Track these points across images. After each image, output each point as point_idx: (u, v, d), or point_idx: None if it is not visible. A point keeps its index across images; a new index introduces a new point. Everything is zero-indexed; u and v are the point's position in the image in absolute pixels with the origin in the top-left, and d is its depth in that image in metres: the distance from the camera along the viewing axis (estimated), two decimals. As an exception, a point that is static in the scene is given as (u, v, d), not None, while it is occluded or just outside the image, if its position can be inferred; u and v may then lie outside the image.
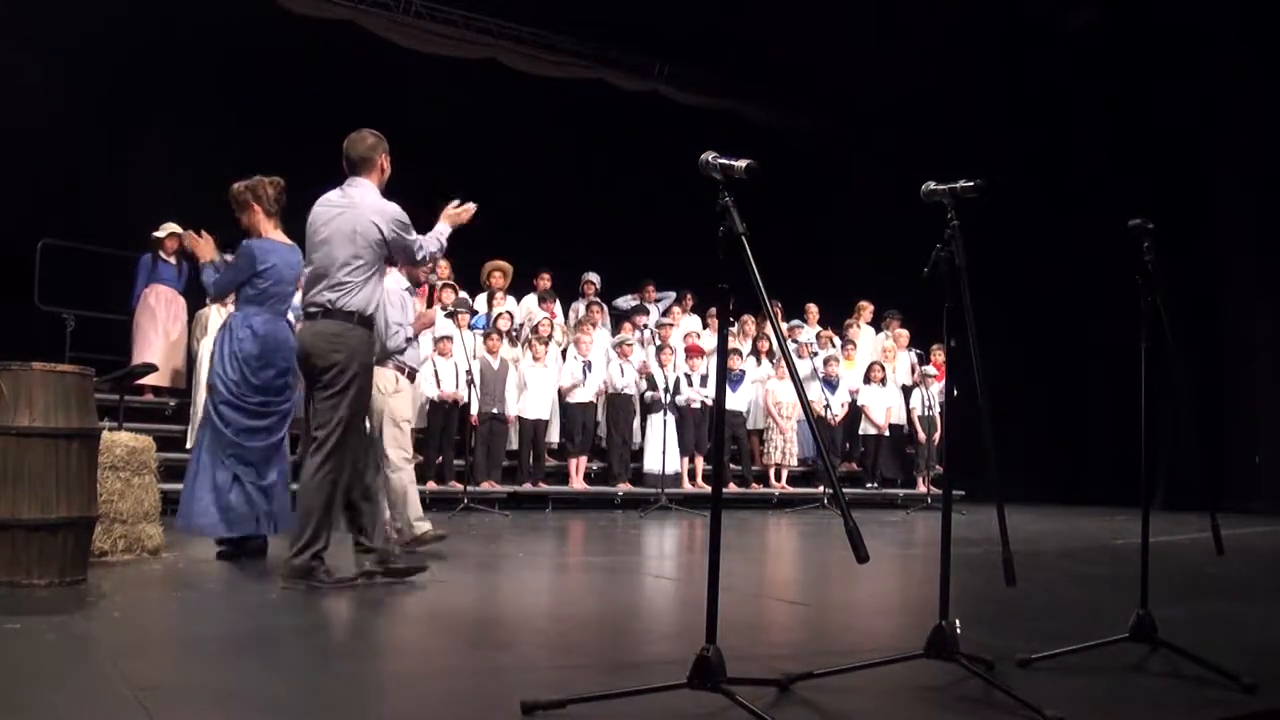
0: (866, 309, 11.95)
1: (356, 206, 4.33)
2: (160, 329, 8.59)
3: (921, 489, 10.97)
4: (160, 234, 8.69)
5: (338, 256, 4.28)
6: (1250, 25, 11.00)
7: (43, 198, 8.75)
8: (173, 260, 8.76)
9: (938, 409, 10.70)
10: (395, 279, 5.34)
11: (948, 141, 11.52)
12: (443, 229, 4.68)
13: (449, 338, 8.96)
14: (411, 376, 5.65)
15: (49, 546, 4.03)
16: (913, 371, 11.36)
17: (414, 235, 4.45)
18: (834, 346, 11.43)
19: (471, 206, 4.72)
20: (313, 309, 4.32)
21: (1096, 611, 4.08)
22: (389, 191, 4.50)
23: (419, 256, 4.55)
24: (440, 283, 9.90)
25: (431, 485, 8.95)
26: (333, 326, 4.26)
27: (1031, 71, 11.94)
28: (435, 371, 8.92)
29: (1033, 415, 11.83)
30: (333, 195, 4.42)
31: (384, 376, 5.26)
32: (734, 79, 12.99)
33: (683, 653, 2.59)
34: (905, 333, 11.63)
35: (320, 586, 4.20)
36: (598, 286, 10.91)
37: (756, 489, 10.54)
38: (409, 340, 5.48)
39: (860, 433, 11.22)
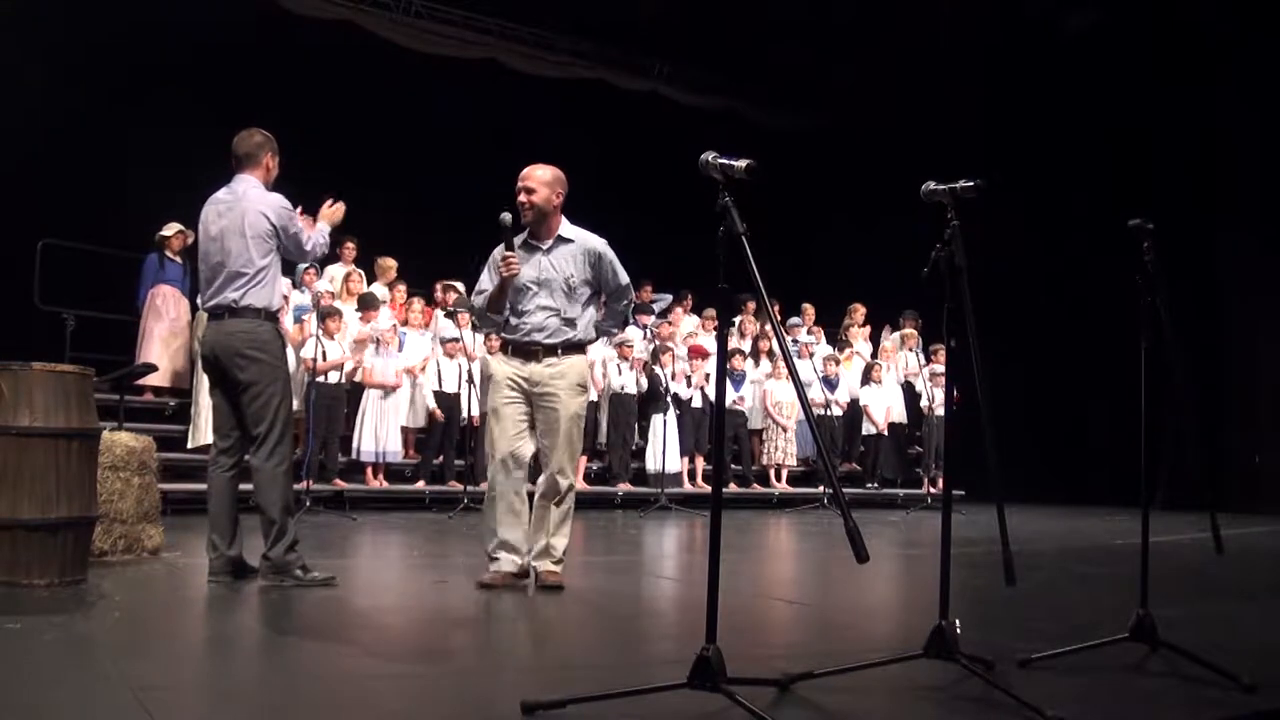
0: (859, 311, 11.96)
1: (242, 200, 4.33)
2: (165, 329, 8.61)
3: (924, 489, 10.95)
4: (166, 233, 8.72)
5: (232, 252, 4.29)
6: (1251, 25, 11.00)
7: (43, 198, 8.75)
8: (179, 260, 8.78)
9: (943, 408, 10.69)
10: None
11: (947, 141, 11.52)
12: (323, 227, 4.62)
13: (456, 339, 8.98)
14: (513, 349, 4.40)
15: (49, 546, 4.03)
16: (919, 370, 11.35)
17: (300, 225, 4.46)
18: (832, 347, 11.43)
19: (342, 205, 4.67)
20: (218, 309, 4.33)
21: (1096, 611, 4.08)
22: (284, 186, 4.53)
23: (307, 247, 4.47)
24: (444, 284, 9.96)
25: (426, 484, 8.98)
26: (242, 325, 4.29)
27: (1031, 71, 11.94)
28: (439, 371, 8.96)
29: (1033, 415, 11.82)
30: (220, 193, 4.43)
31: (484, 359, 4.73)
32: (734, 79, 12.98)
33: (683, 653, 2.59)
34: (914, 332, 11.61)
35: (301, 581, 4.22)
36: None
37: (754, 489, 10.52)
38: (486, 307, 4.46)
39: (861, 432, 11.21)
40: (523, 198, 4.38)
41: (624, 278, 4.53)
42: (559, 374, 4.31)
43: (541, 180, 4.42)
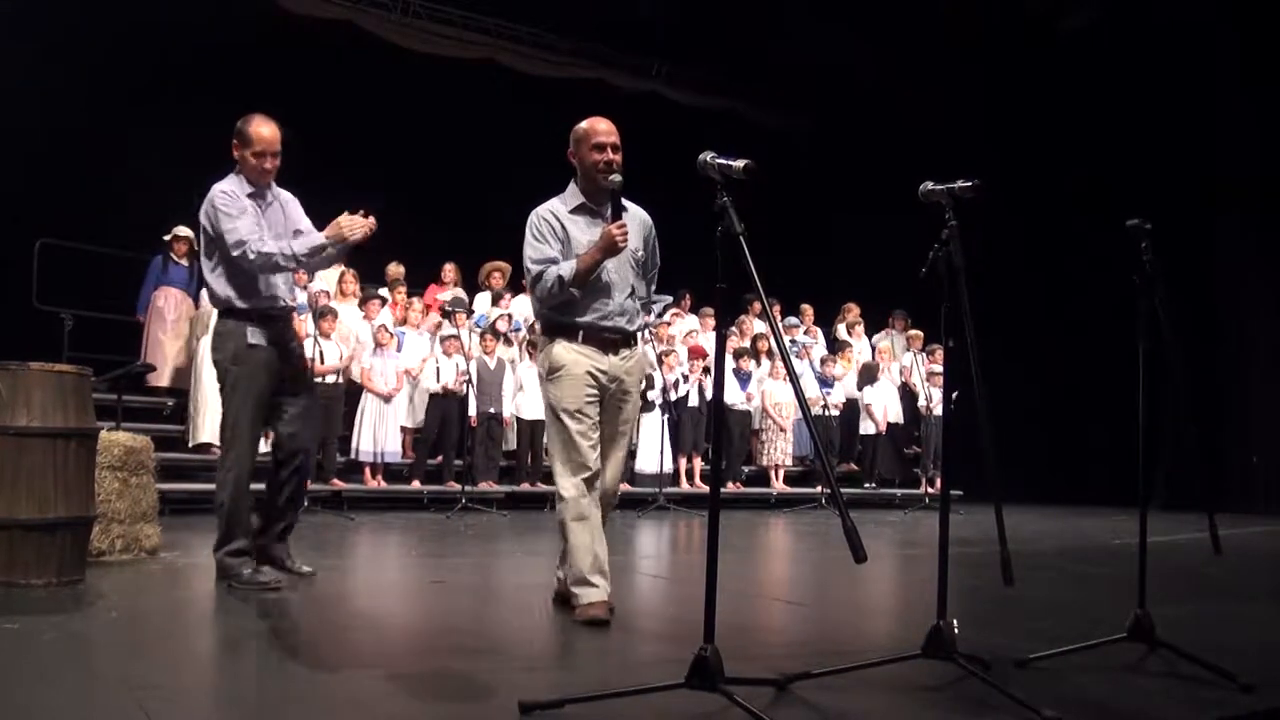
0: (852, 310, 11.97)
1: None
2: (169, 331, 8.65)
3: (922, 489, 10.96)
4: (168, 237, 8.75)
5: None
6: (1250, 25, 11.00)
7: (41, 198, 8.76)
8: (184, 262, 8.81)
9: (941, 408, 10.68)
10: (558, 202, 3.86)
11: (946, 141, 11.52)
12: (313, 239, 4.08)
13: (454, 337, 9.00)
14: (586, 337, 3.69)
15: (47, 546, 4.03)
16: (915, 371, 11.34)
17: (228, 224, 4.04)
18: (828, 350, 11.44)
19: (364, 222, 4.04)
20: None
21: (1095, 611, 4.08)
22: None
23: (233, 252, 4.02)
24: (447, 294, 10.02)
25: (421, 484, 8.97)
26: (214, 325, 4.29)
27: (1031, 71, 11.94)
28: (437, 369, 8.96)
29: (1032, 415, 11.83)
30: None
31: (547, 351, 3.76)
32: (734, 79, 12.99)
33: (680, 653, 2.58)
34: (919, 333, 11.61)
35: (236, 587, 4.11)
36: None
37: (737, 487, 10.44)
38: (574, 280, 3.62)
39: (859, 432, 11.21)
40: (611, 155, 3.73)
41: (658, 260, 4.01)
42: (631, 369, 3.78)
43: (619, 136, 3.79)
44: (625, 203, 3.78)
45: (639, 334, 3.84)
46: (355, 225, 4.01)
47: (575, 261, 3.64)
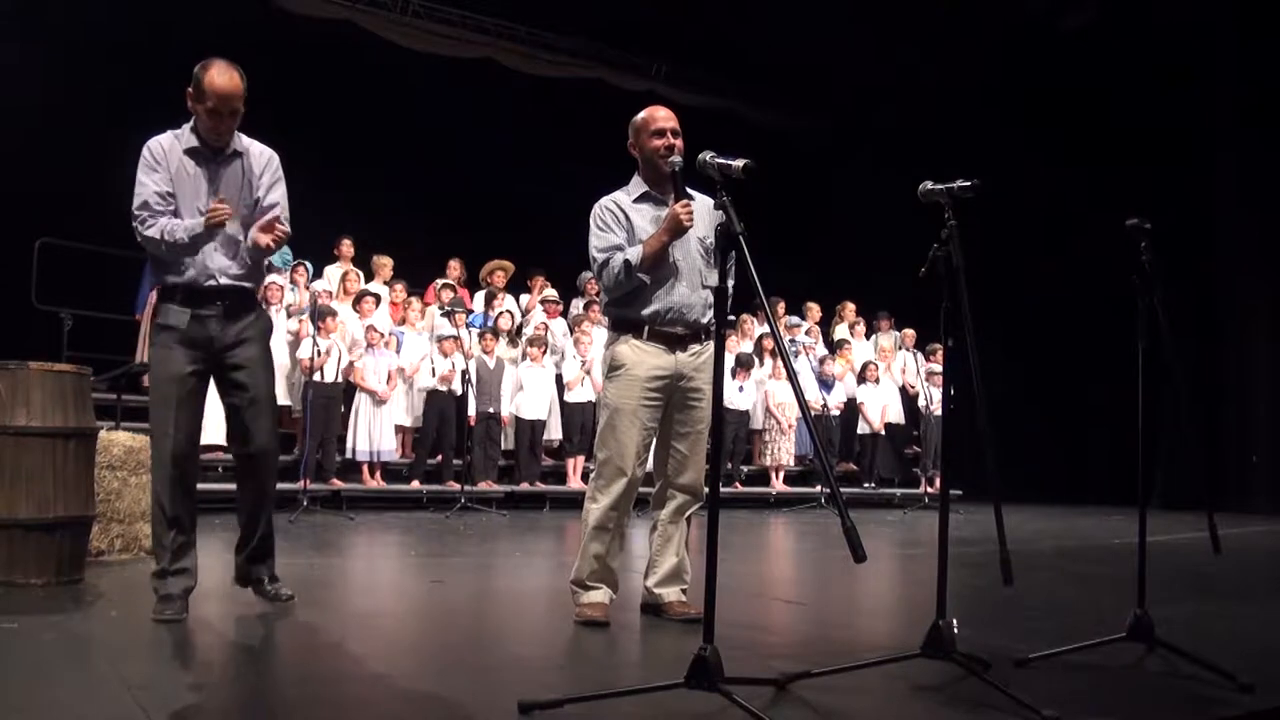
0: (849, 308, 11.98)
1: None
2: None
3: (921, 488, 10.95)
4: None
5: None
6: (1249, 25, 11.00)
7: (40, 197, 8.75)
8: None
9: (940, 408, 10.69)
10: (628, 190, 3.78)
11: (947, 141, 11.52)
12: (197, 222, 3.46)
13: (455, 337, 8.99)
14: (650, 333, 3.62)
15: (46, 546, 4.03)
16: (912, 371, 11.34)
17: (137, 183, 3.50)
18: (828, 349, 11.44)
19: (216, 209, 3.44)
20: None
21: (1094, 611, 4.08)
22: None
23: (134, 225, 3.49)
24: (441, 283, 9.96)
25: (421, 483, 8.97)
26: None
27: (1031, 71, 11.95)
28: (432, 368, 8.95)
29: (1031, 414, 11.83)
30: None
31: (612, 348, 3.71)
32: (734, 79, 12.99)
33: (680, 652, 2.59)
34: (912, 331, 11.61)
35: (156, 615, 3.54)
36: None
37: (739, 488, 10.44)
38: (640, 265, 3.55)
39: (858, 432, 11.21)
40: (671, 140, 3.61)
41: None
42: (702, 365, 3.66)
43: (677, 122, 3.67)
44: (693, 191, 3.59)
45: (712, 328, 3.63)
46: (216, 211, 3.45)
47: (641, 246, 3.56)
